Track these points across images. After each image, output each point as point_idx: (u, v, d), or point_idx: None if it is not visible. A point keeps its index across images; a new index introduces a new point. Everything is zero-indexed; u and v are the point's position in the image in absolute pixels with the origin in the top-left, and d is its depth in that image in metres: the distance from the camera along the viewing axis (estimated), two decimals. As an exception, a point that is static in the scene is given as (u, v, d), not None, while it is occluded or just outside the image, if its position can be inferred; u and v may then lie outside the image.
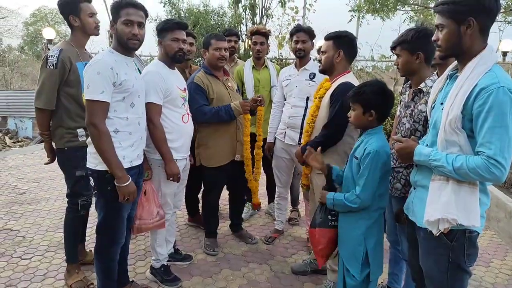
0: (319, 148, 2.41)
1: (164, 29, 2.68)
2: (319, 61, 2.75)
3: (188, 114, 2.84)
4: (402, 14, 10.87)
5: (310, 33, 3.37)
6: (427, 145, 1.82)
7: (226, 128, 3.19)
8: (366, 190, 2.06)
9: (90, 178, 2.30)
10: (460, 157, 1.58)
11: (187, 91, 2.89)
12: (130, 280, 2.76)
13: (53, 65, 2.56)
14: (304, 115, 3.21)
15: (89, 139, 2.21)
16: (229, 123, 3.17)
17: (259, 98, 3.17)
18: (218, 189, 3.45)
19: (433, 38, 1.74)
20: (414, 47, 2.17)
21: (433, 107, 1.84)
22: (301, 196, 4.10)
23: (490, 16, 1.61)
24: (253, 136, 3.51)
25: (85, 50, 2.85)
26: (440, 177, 1.67)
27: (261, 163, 3.52)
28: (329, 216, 2.32)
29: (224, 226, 3.89)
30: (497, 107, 1.50)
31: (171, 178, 2.69)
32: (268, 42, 4.01)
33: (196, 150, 3.23)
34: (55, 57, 2.57)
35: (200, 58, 9.99)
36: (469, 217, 1.60)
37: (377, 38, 14.66)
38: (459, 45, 1.64)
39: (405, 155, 1.83)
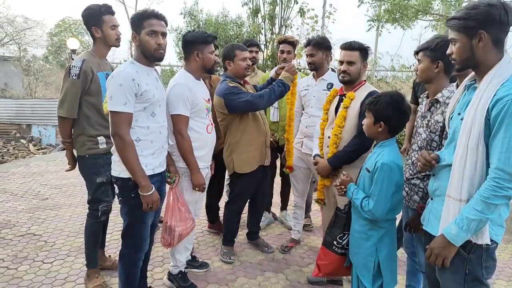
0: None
1: (203, 42, 2.72)
2: (343, 71, 2.70)
3: (212, 124, 2.88)
4: (423, 23, 10.79)
5: (319, 45, 3.29)
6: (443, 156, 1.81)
7: (257, 134, 3.23)
8: (379, 206, 2.05)
9: (115, 185, 2.35)
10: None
11: (211, 102, 2.94)
12: (148, 285, 2.81)
13: (75, 75, 2.64)
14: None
15: (114, 147, 2.26)
16: (260, 130, 3.23)
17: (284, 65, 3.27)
18: (246, 196, 3.47)
19: (448, 51, 1.76)
20: (436, 55, 2.14)
21: (451, 117, 1.83)
22: (317, 206, 4.08)
23: (503, 28, 1.60)
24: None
25: (106, 60, 2.93)
26: (451, 193, 1.66)
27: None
28: (335, 242, 2.32)
29: (241, 235, 3.90)
30: (509, 117, 1.49)
31: (197, 188, 2.74)
32: (295, 51, 4.04)
33: (227, 158, 3.27)
34: (77, 68, 2.64)
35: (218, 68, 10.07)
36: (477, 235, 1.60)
37: (398, 48, 14.57)
38: (473, 58, 1.64)
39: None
